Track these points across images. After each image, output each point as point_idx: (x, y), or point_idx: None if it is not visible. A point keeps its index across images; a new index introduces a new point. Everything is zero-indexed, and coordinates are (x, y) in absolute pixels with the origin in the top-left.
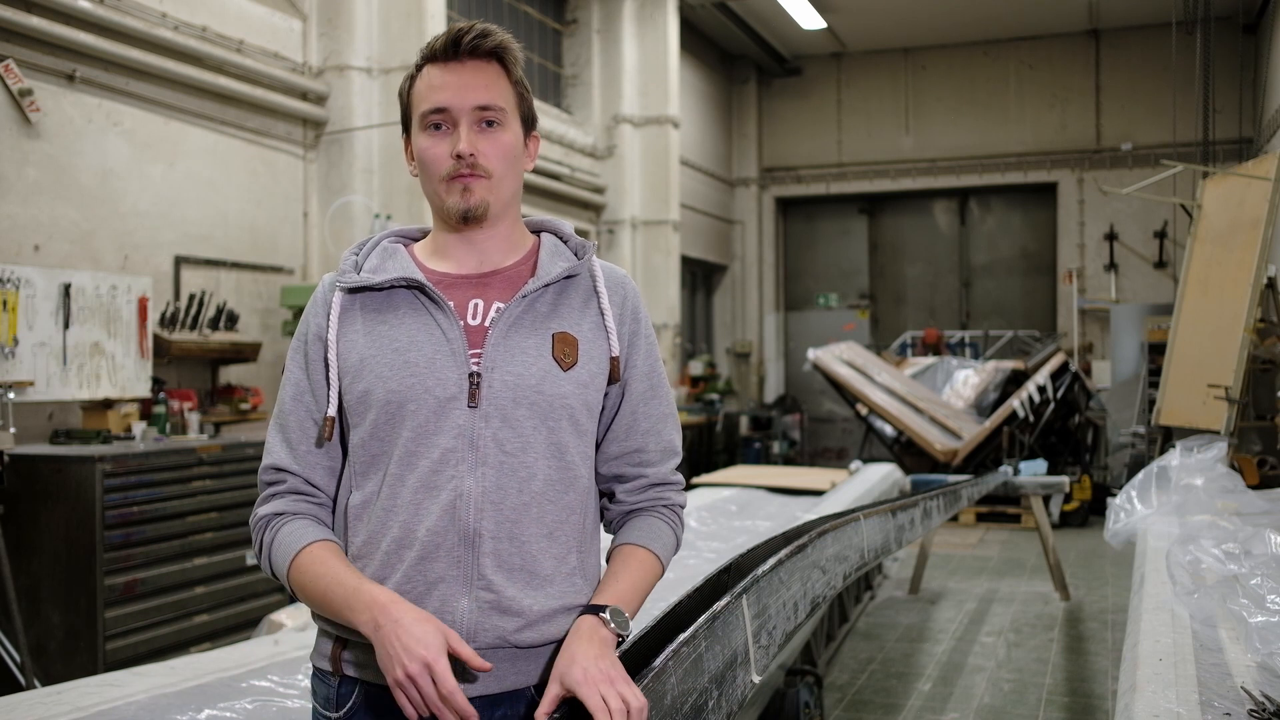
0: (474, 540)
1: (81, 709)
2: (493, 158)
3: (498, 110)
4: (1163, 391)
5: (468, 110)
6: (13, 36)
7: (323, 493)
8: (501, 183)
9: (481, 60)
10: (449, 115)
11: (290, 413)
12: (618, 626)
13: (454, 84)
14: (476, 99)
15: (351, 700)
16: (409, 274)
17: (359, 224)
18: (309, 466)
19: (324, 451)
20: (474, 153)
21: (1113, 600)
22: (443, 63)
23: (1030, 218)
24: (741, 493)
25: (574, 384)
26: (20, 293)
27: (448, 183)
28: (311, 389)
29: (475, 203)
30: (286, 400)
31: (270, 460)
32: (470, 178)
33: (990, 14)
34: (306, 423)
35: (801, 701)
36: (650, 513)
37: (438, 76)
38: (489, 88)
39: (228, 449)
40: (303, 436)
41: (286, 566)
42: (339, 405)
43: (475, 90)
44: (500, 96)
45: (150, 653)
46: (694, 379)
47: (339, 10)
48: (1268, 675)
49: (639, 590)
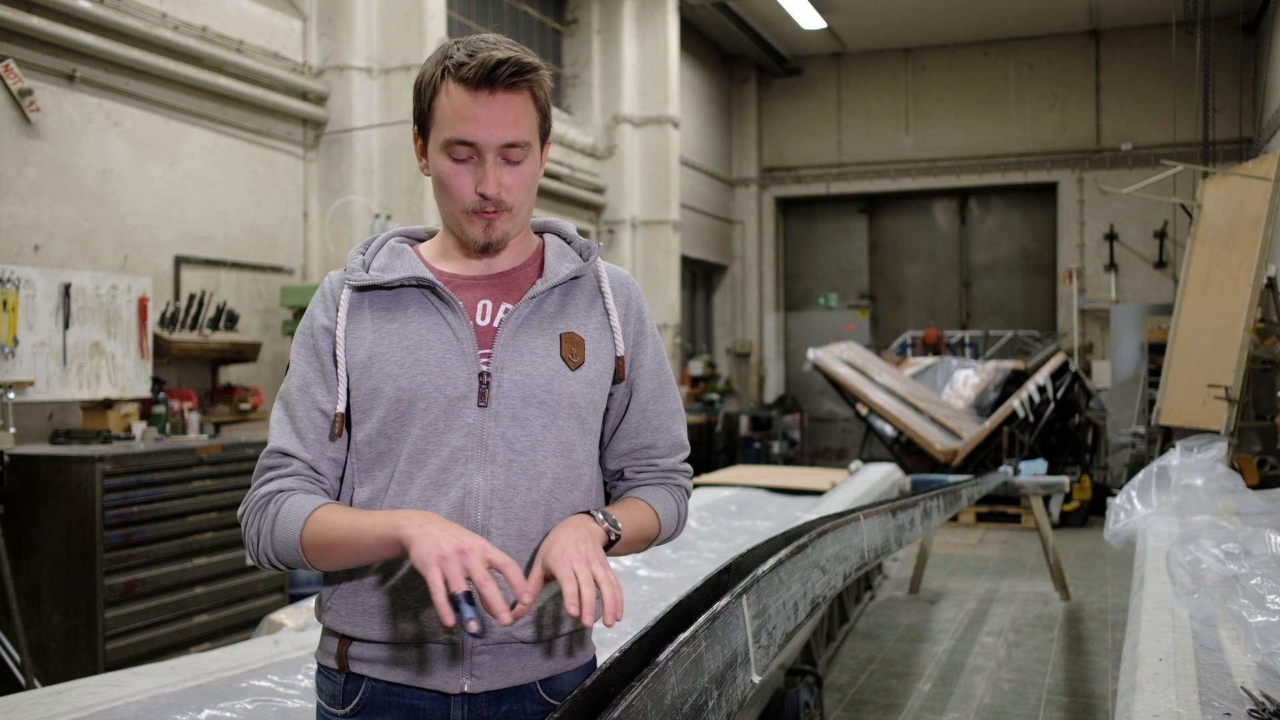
0: (481, 536)
1: (81, 709)
2: (516, 191)
3: (524, 146)
4: (1163, 391)
5: (495, 147)
6: (13, 36)
7: (327, 480)
8: (521, 210)
9: (513, 92)
10: (475, 149)
11: (297, 403)
12: (608, 524)
13: (484, 119)
14: (505, 136)
15: (358, 697)
16: (419, 273)
17: (359, 224)
18: (315, 455)
19: (331, 444)
20: (499, 192)
21: (1113, 600)
22: (473, 90)
23: (1030, 218)
24: (741, 493)
25: (582, 383)
26: (20, 293)
27: (470, 215)
28: (323, 379)
29: (498, 237)
30: (293, 391)
31: (276, 444)
32: (494, 214)
33: (990, 14)
34: (313, 413)
35: (801, 701)
36: (658, 485)
37: (466, 105)
38: (518, 123)
39: (228, 449)
40: (310, 426)
41: (300, 528)
42: (346, 402)
43: (504, 127)
44: (527, 130)
45: (150, 653)
46: (694, 379)
47: (339, 10)
48: (1268, 675)
49: (633, 525)
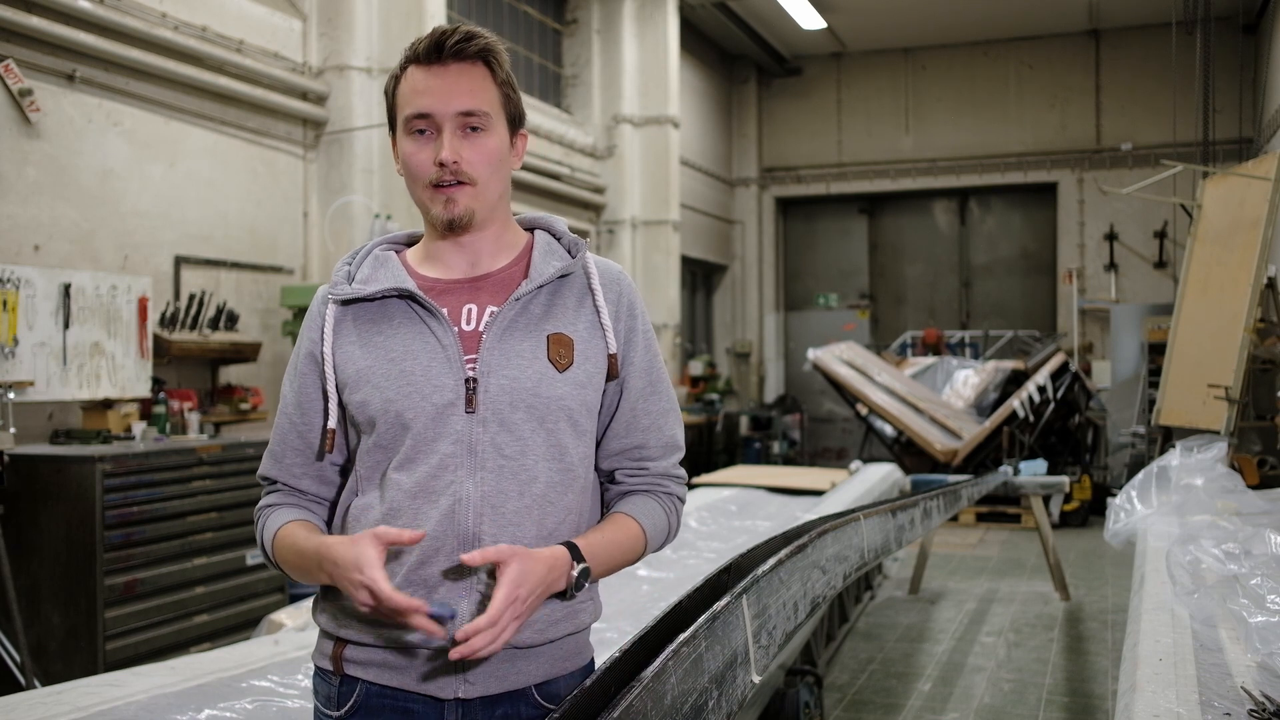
0: (473, 544)
1: (81, 709)
2: (477, 164)
3: (482, 115)
4: (1163, 391)
5: (451, 116)
6: (13, 36)
7: (310, 494)
8: (486, 188)
9: (466, 63)
10: (432, 121)
11: (278, 426)
12: (575, 585)
13: (437, 88)
14: (460, 104)
15: (353, 699)
16: (400, 283)
17: (359, 224)
18: (293, 476)
19: (311, 462)
20: (457, 160)
21: (1113, 600)
22: (425, 65)
23: (1030, 218)
24: (741, 493)
25: (571, 385)
26: (20, 293)
27: (431, 190)
28: (299, 404)
29: (460, 212)
30: (281, 413)
31: (260, 470)
32: (453, 188)
33: (990, 14)
34: (290, 435)
35: (801, 701)
36: (648, 494)
37: (421, 80)
38: (473, 92)
39: (228, 449)
40: (285, 449)
41: (270, 547)
42: (341, 416)
43: (459, 96)
44: (485, 101)
45: (150, 653)
46: (694, 379)
47: (339, 10)
48: (1268, 675)
49: (613, 554)
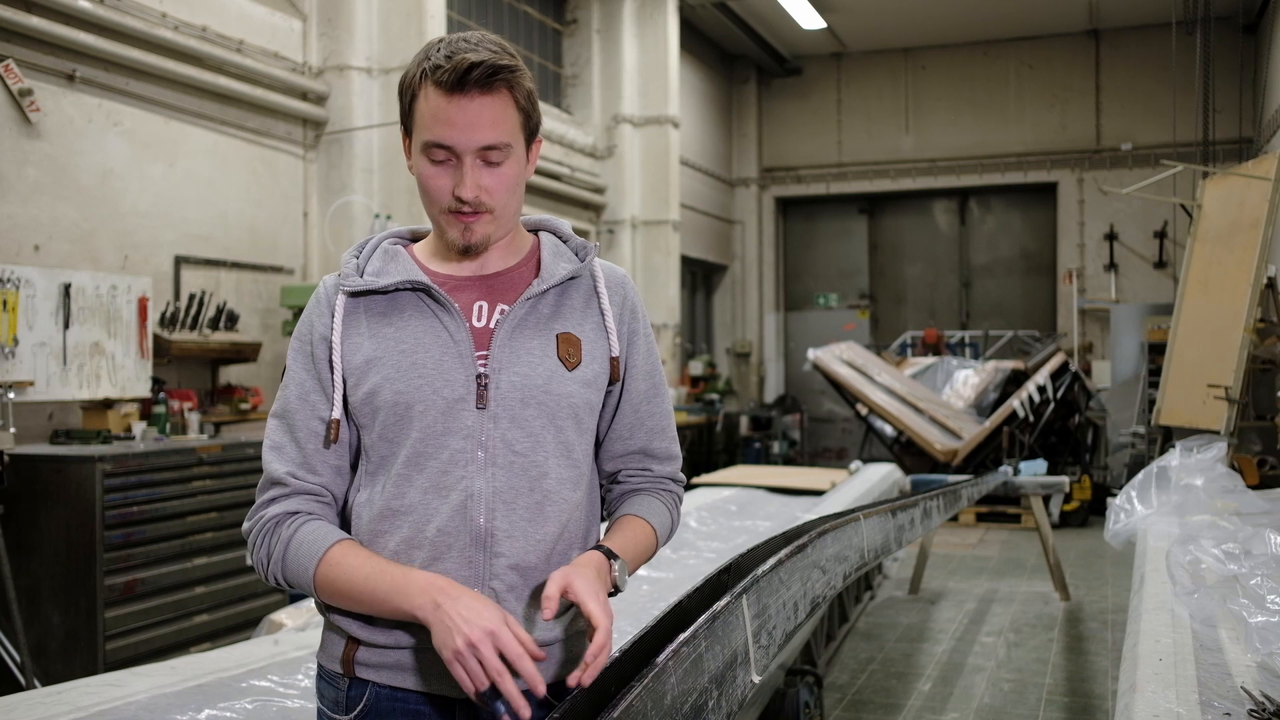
0: (486, 540)
1: (81, 709)
2: (496, 193)
3: (504, 148)
4: (1163, 391)
5: (472, 150)
6: (13, 36)
7: (330, 493)
8: (505, 211)
9: (489, 96)
10: (452, 152)
11: (297, 412)
12: (618, 577)
13: (459, 121)
14: (482, 139)
15: (363, 703)
16: (414, 276)
17: (359, 224)
18: (318, 467)
19: (332, 452)
20: (478, 195)
21: (1113, 600)
22: (448, 94)
23: (1030, 218)
24: (741, 493)
25: (579, 383)
26: (20, 293)
27: (449, 216)
28: (320, 388)
29: (477, 240)
30: (292, 400)
31: (279, 462)
32: (472, 216)
33: (990, 14)
34: (313, 422)
35: (801, 701)
36: (651, 493)
37: (442, 107)
38: (495, 125)
39: (228, 449)
40: (310, 436)
41: (314, 564)
42: (344, 408)
43: (481, 130)
44: (507, 131)
45: (150, 653)
46: (694, 379)
47: (339, 10)
48: (1268, 675)
49: (636, 556)
